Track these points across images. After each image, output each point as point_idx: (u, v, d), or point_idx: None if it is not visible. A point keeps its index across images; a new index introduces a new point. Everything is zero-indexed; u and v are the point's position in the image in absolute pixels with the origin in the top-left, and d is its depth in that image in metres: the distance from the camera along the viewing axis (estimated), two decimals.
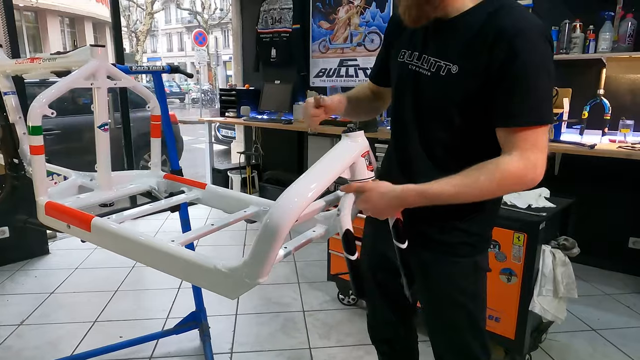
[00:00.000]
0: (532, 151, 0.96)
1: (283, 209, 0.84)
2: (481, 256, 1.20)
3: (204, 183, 1.46)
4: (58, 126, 4.51)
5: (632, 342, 2.30)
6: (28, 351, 2.22)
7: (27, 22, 17.83)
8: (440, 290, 1.21)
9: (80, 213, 1.14)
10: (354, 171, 1.06)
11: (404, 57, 1.15)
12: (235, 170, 5.05)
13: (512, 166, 0.96)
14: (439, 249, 1.17)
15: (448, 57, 1.04)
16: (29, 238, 3.31)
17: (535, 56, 0.95)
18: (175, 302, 2.71)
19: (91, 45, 1.34)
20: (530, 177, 0.96)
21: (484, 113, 1.01)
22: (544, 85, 0.97)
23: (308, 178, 0.92)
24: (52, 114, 1.19)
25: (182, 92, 25.54)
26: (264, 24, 4.88)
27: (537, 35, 0.96)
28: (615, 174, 3.03)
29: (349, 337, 2.35)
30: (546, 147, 0.98)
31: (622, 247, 3.16)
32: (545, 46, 0.97)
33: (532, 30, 0.96)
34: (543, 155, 0.97)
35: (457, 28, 1.04)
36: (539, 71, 0.96)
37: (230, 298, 0.95)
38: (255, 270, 0.86)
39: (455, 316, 1.22)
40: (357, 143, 1.06)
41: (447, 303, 1.21)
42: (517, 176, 0.96)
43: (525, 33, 0.96)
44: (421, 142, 1.14)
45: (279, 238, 0.82)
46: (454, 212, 1.08)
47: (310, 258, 3.31)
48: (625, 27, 2.84)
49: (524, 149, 0.96)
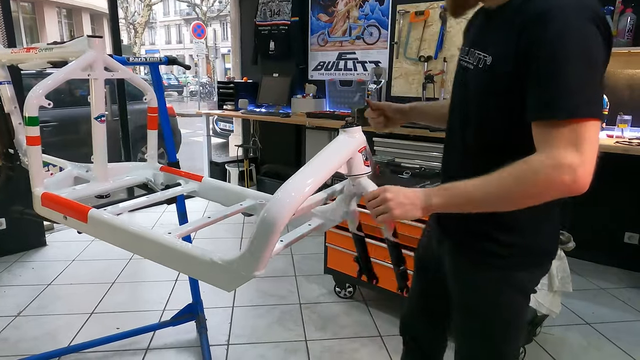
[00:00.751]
0: (566, 149, 0.80)
1: (280, 203, 0.84)
2: (519, 272, 1.04)
3: (200, 175, 1.47)
4: (55, 118, 4.50)
5: (625, 336, 2.32)
6: (25, 342, 2.23)
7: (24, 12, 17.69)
8: (461, 297, 1.14)
9: (77, 204, 1.14)
10: (351, 166, 1.06)
11: (460, 54, 1.10)
12: (233, 164, 5.05)
13: (538, 165, 0.82)
14: (468, 255, 1.09)
15: (486, 49, 0.97)
16: (26, 230, 3.30)
17: (566, 38, 0.82)
18: (172, 294, 2.72)
19: (88, 35, 1.33)
20: (566, 180, 0.80)
21: (522, 109, 0.89)
22: (578, 71, 0.82)
23: (305, 173, 0.93)
24: (48, 104, 1.19)
25: (180, 84, 25.44)
26: (262, 17, 4.86)
27: (573, 14, 0.83)
28: (612, 169, 3.03)
29: (345, 330, 2.37)
30: (592, 146, 0.81)
31: (618, 241, 3.18)
32: (584, 26, 0.83)
33: (565, 8, 0.83)
34: (583, 156, 0.80)
35: (496, 17, 0.98)
36: (569, 55, 0.81)
37: (226, 290, 0.95)
38: (251, 264, 0.86)
39: (471, 330, 1.14)
40: (354, 138, 1.07)
41: (465, 313, 1.14)
42: (545, 178, 0.82)
43: (556, 12, 0.83)
44: (463, 141, 1.05)
45: (276, 232, 0.83)
46: (488, 218, 0.96)
47: (307, 251, 3.32)
48: (624, 22, 2.83)
49: (554, 146, 0.81)
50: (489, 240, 1.03)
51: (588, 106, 0.82)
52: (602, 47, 0.85)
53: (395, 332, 2.31)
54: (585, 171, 0.80)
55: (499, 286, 1.05)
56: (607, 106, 2.97)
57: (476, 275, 1.08)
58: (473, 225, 1.04)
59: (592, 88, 0.83)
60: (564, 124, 0.81)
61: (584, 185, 0.80)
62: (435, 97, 3.78)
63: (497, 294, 1.06)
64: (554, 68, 0.82)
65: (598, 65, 0.84)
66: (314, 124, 4.12)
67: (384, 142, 3.62)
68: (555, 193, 0.83)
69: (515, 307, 1.07)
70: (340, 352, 2.18)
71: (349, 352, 2.19)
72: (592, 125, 0.81)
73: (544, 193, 0.84)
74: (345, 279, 2.64)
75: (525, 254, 1.03)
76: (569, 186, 0.80)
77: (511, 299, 1.06)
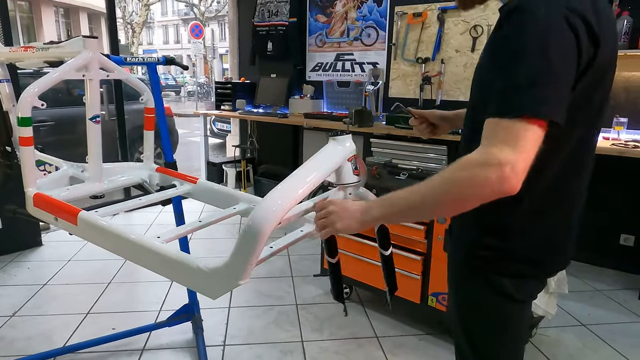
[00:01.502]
0: (501, 148, 0.75)
1: (265, 211, 0.83)
2: (503, 277, 0.98)
3: (195, 178, 1.47)
4: (52, 117, 4.49)
5: (621, 338, 2.33)
6: (21, 342, 2.22)
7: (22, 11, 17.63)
8: (451, 294, 1.13)
9: (68, 206, 1.14)
10: (340, 175, 1.06)
11: None
12: (230, 164, 5.04)
13: (466, 163, 0.78)
14: (460, 254, 1.07)
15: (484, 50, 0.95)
16: (22, 229, 3.29)
17: (522, 31, 0.78)
18: (169, 295, 2.71)
19: (84, 36, 1.33)
20: (491, 179, 0.74)
21: None
22: (532, 67, 0.76)
23: (292, 181, 0.92)
24: (42, 105, 1.18)
25: (177, 85, 25.39)
26: (260, 17, 4.85)
27: (541, 8, 0.78)
28: (608, 171, 3.05)
29: (341, 331, 2.37)
30: (529, 146, 0.75)
31: (614, 243, 3.19)
32: (548, 20, 0.77)
33: (532, 2, 0.79)
34: (516, 156, 0.74)
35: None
36: (525, 50, 0.77)
37: (211, 298, 0.94)
38: (236, 272, 0.86)
39: (457, 328, 1.12)
40: (343, 147, 1.06)
41: (454, 310, 1.13)
42: (469, 176, 0.77)
43: (524, 6, 0.79)
44: (462, 142, 1.04)
45: (261, 240, 0.82)
46: (477, 219, 0.95)
47: (304, 252, 3.32)
48: (620, 24, 2.84)
49: (490, 144, 0.77)
50: (476, 242, 1.00)
51: (536, 105, 0.76)
52: (572, 44, 0.78)
53: (391, 333, 2.32)
54: (515, 171, 0.74)
55: (482, 289, 1.01)
56: None
57: (464, 275, 1.06)
58: (465, 226, 1.03)
59: (546, 86, 0.76)
60: (506, 122, 0.76)
61: (512, 186, 0.75)
62: (432, 99, 3.79)
63: (479, 296, 1.03)
64: (507, 63, 0.79)
65: (561, 62, 0.77)
66: (312, 124, 4.12)
67: (381, 143, 3.62)
68: (482, 192, 0.77)
69: (500, 312, 1.02)
70: (336, 353, 2.18)
71: (345, 352, 2.19)
72: (537, 125, 0.75)
73: (469, 192, 0.78)
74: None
75: (508, 260, 0.98)
76: (495, 185, 0.75)
77: (494, 303, 1.02)
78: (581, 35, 0.78)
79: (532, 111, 0.75)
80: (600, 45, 0.82)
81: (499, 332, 1.05)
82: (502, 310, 1.02)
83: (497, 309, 1.02)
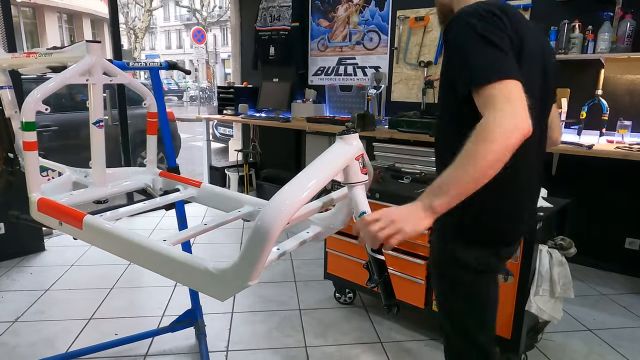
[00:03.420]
0: (504, 103, 0.94)
1: (274, 211, 0.82)
2: (460, 247, 1.18)
3: (199, 181, 1.46)
4: (56, 122, 4.49)
5: (627, 343, 2.31)
6: (23, 348, 2.21)
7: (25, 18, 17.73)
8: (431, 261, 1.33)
9: (73, 210, 1.13)
10: (348, 174, 1.05)
11: None
12: (232, 168, 5.04)
13: (487, 120, 0.94)
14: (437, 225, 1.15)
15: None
16: (25, 234, 3.29)
17: (460, 29, 1.04)
18: (171, 300, 2.70)
19: (87, 40, 1.33)
20: (512, 125, 0.92)
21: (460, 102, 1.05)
22: (478, 48, 1.00)
23: (300, 180, 0.91)
24: (45, 110, 1.18)
25: (180, 89, 25.48)
26: (262, 22, 4.87)
27: (465, 15, 1.04)
28: (613, 174, 3.03)
29: (345, 336, 2.35)
30: (516, 99, 0.95)
31: (619, 247, 3.16)
32: (474, 18, 1.02)
33: (461, 13, 1.06)
34: (515, 106, 0.94)
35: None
36: (465, 39, 1.02)
37: (219, 300, 0.93)
38: (245, 273, 0.85)
39: (436, 294, 1.34)
40: (351, 146, 1.04)
41: (432, 275, 1.33)
42: (500, 130, 0.92)
43: (456, 17, 1.06)
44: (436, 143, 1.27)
45: (270, 241, 0.81)
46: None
47: (307, 257, 3.31)
48: (624, 27, 2.83)
49: (492, 108, 0.94)
50: (447, 214, 1.00)
51: (502, 71, 0.98)
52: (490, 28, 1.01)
53: (395, 338, 2.30)
54: (522, 116, 0.93)
55: (449, 264, 1.21)
56: (607, 111, 2.97)
57: (438, 245, 1.24)
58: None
59: (495, 59, 0.99)
60: (490, 89, 0.96)
61: (529, 125, 0.93)
62: (435, 103, 3.78)
63: (447, 270, 1.23)
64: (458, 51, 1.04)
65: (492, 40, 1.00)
66: (314, 129, 4.12)
67: (384, 147, 3.61)
68: (513, 139, 0.91)
69: (465, 284, 1.21)
70: (340, 359, 2.17)
71: (349, 358, 2.18)
72: (508, 83, 0.96)
73: (505, 143, 0.91)
74: (346, 285, 2.63)
75: (471, 230, 1.15)
76: (518, 129, 0.92)
77: (458, 273, 1.20)
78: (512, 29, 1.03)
79: (503, 74, 0.97)
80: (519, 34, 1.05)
81: (467, 303, 1.24)
82: (466, 279, 1.21)
83: (462, 281, 1.22)
